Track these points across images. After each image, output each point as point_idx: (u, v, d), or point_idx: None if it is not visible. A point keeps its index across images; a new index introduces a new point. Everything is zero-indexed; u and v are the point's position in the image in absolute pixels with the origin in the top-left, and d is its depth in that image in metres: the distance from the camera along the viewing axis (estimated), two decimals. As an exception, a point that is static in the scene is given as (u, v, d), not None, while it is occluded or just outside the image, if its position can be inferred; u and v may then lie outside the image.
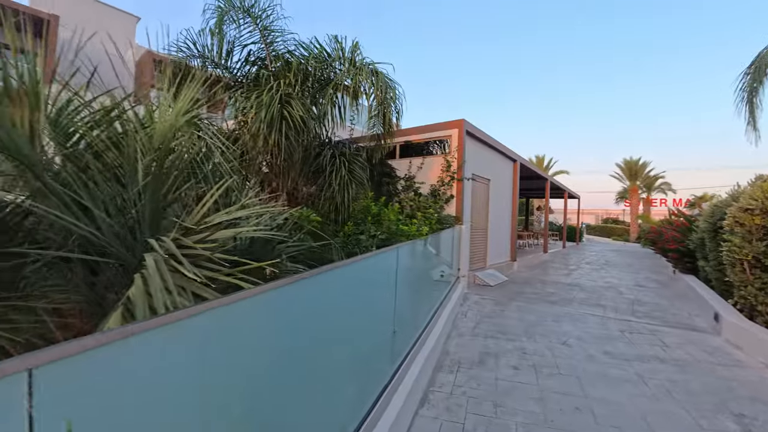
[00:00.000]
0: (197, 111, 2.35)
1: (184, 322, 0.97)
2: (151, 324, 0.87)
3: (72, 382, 0.74)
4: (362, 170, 6.23)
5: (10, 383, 0.66)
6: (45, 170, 1.77)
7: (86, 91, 2.33)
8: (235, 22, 7.46)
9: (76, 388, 0.75)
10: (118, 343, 0.80)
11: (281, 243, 2.23)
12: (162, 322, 0.91)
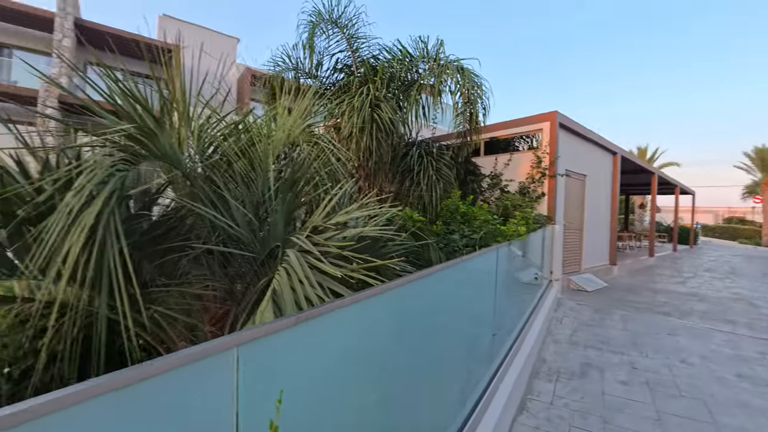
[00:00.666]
0: (311, 119, 2.56)
1: (335, 313, 1.07)
2: (314, 313, 0.98)
3: (264, 357, 0.87)
4: (449, 169, 6.17)
5: (224, 357, 0.79)
6: (194, 177, 2.09)
7: (209, 108, 2.69)
8: (324, 33, 7.96)
9: (267, 361, 0.89)
10: (293, 328, 0.92)
11: (389, 242, 2.33)
12: (317, 313, 1.01)
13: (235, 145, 2.38)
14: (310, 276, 1.43)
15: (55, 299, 2.57)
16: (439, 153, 6.61)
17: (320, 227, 1.78)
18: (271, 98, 7.57)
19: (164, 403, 0.72)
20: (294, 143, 2.39)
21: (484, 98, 6.72)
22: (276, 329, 0.86)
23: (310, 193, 2.32)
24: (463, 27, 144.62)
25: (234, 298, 2.48)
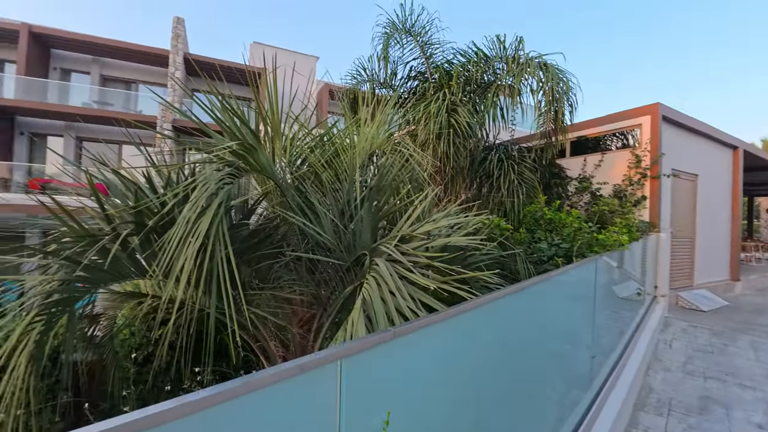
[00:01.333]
0: (392, 128, 2.57)
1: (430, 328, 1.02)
2: (410, 327, 0.94)
3: (363, 371, 0.86)
4: (531, 172, 5.77)
5: (328, 370, 0.78)
6: (286, 187, 2.21)
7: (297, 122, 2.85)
8: (398, 43, 8.09)
9: (366, 375, 0.87)
10: (390, 342, 0.88)
11: (474, 251, 2.23)
12: (414, 327, 0.97)
13: (321, 156, 2.48)
14: (401, 287, 1.40)
15: (174, 298, 2.93)
16: (521, 156, 6.22)
17: (407, 236, 1.75)
18: (349, 110, 7.89)
19: (272, 414, 0.74)
20: (375, 153, 2.42)
21: (571, 95, 6.19)
22: (375, 343, 0.84)
23: (394, 202, 2.32)
24: (545, 18, 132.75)
25: (320, 302, 2.57)
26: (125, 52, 13.94)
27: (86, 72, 14.31)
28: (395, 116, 7.19)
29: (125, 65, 14.71)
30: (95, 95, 13.84)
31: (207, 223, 1.36)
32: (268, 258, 2.08)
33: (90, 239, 1.51)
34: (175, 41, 13.61)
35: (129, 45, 13.72)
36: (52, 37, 13.06)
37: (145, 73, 14.99)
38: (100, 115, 12.47)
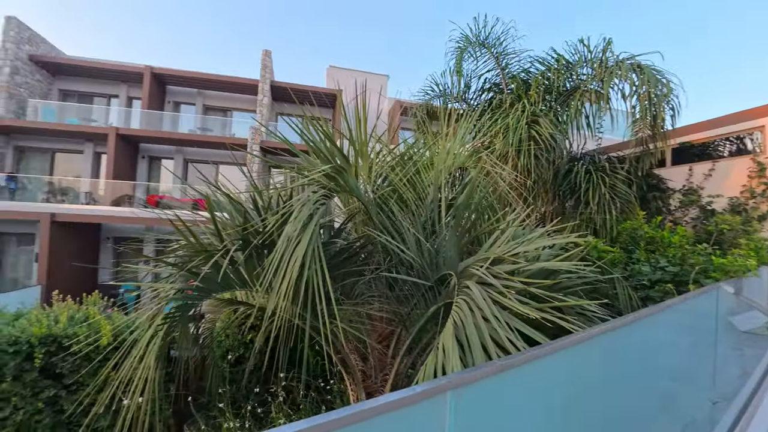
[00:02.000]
0: (471, 145, 2.53)
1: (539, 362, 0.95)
2: (518, 360, 0.89)
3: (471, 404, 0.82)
4: (627, 185, 5.21)
5: (437, 402, 0.76)
6: (371, 207, 2.28)
7: (380, 142, 2.93)
8: (472, 56, 8.01)
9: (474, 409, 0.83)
10: (498, 375, 0.84)
11: (570, 273, 2.05)
12: (522, 360, 0.91)
13: (402, 174, 2.52)
14: (497, 314, 1.34)
15: (264, 306, 3.17)
16: (612, 167, 5.66)
17: (498, 258, 1.67)
18: (421, 125, 7.98)
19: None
20: (456, 170, 2.40)
21: (672, 97, 5.51)
22: (486, 375, 0.81)
23: (479, 220, 2.26)
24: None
25: (399, 319, 2.58)
26: (223, 84, 15.84)
27: (192, 103, 16.54)
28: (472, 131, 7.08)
29: (223, 95, 16.70)
30: (199, 123, 15.90)
31: (306, 242, 1.46)
32: (353, 275, 2.16)
33: (205, 254, 1.73)
34: (263, 71, 15.12)
35: (226, 78, 15.57)
36: (167, 76, 15.36)
37: (237, 101, 16.85)
38: (202, 140, 14.28)
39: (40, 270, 10.86)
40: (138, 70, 15.03)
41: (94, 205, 13.45)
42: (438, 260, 2.02)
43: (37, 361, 3.61)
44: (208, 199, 1.75)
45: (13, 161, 14.48)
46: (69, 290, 11.56)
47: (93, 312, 3.96)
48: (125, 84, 16.08)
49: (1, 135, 14.07)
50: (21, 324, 3.72)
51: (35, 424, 3.70)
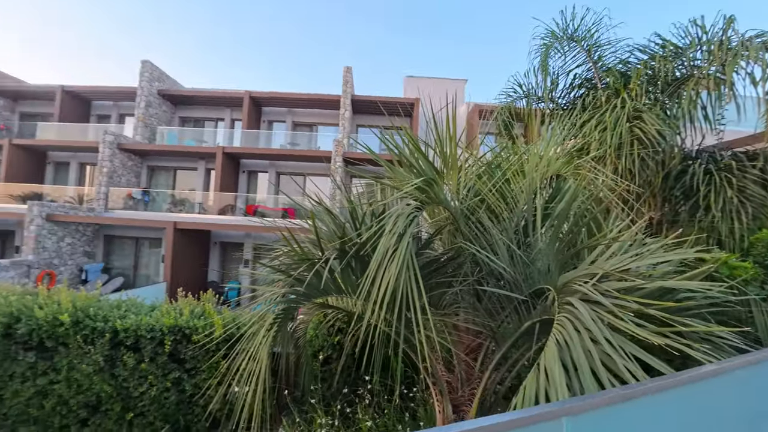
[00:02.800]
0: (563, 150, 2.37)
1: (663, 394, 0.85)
2: (641, 390, 0.81)
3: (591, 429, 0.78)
4: (759, 186, 4.37)
5: (551, 426, 0.73)
6: (459, 217, 2.27)
7: (466, 151, 2.90)
8: (559, 51, 7.49)
9: None
10: (617, 405, 0.78)
11: (692, 293, 1.78)
12: (644, 390, 0.83)
13: (489, 182, 2.46)
14: (609, 337, 1.22)
15: (353, 311, 3.33)
16: (740, 165, 4.79)
17: (606, 273, 1.53)
18: (505, 129, 7.67)
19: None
20: (549, 177, 2.26)
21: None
22: (604, 403, 0.75)
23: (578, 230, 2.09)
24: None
25: (489, 333, 2.51)
26: (309, 101, 17.16)
27: (283, 121, 18.21)
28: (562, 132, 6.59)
29: (309, 112, 18.09)
30: (288, 138, 17.42)
31: (401, 254, 1.52)
32: (441, 286, 2.17)
33: (308, 262, 1.90)
34: (344, 87, 16.03)
35: (311, 96, 16.84)
36: (262, 98, 17.16)
37: (321, 116, 18.10)
38: (291, 154, 15.63)
39: (165, 269, 12.85)
40: (239, 95, 17.06)
41: (205, 214, 15.52)
42: (532, 272, 1.92)
43: (166, 346, 4.27)
44: (312, 214, 1.94)
45: (147, 178, 17.45)
46: (186, 287, 13.48)
47: (208, 308, 4.56)
48: (229, 108, 18.36)
49: (138, 157, 17.05)
50: (155, 315, 4.44)
51: (164, 399, 4.36)
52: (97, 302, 4.59)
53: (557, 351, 1.28)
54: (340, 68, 16.41)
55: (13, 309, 4.40)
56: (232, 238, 15.47)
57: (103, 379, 4.33)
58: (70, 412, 4.42)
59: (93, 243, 15.41)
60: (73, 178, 18.17)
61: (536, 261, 1.91)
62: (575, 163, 2.17)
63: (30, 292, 4.92)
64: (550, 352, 1.30)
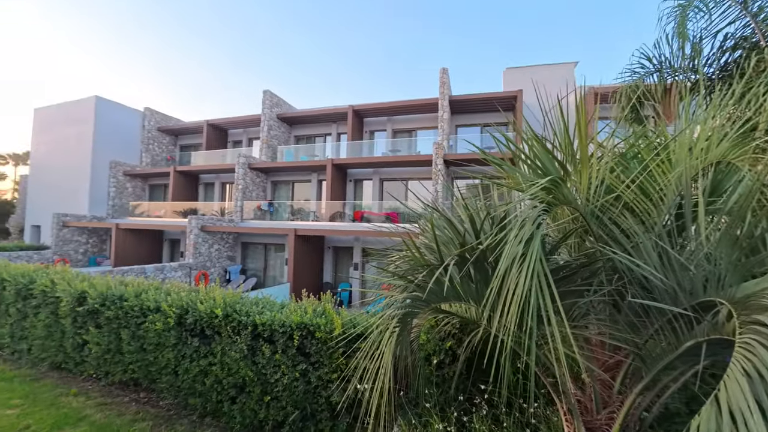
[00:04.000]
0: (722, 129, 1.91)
1: None
2: None
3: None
4: None
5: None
6: (590, 217, 2.03)
7: (594, 143, 2.56)
8: (701, 10, 6.21)
9: None
10: None
11: None
12: None
13: (624, 176, 2.14)
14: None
15: (467, 317, 3.25)
16: None
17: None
18: (631, 112, 6.67)
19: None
20: (709, 165, 1.84)
21: None
22: None
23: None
24: None
25: (633, 350, 2.17)
26: (407, 108, 17.54)
27: (383, 130, 18.98)
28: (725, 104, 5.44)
29: (407, 118, 18.50)
30: (389, 146, 18.08)
31: (530, 261, 1.41)
32: (572, 295, 1.96)
33: (428, 268, 1.92)
34: (441, 88, 15.94)
35: (409, 102, 17.18)
36: (364, 110, 18.18)
37: (420, 120, 18.32)
38: (392, 161, 16.16)
39: (289, 271, 14.51)
40: (343, 110, 18.38)
41: (318, 222, 17.07)
42: (692, 280, 1.57)
43: (295, 341, 4.78)
44: (431, 221, 1.95)
45: (271, 192, 20.00)
46: (305, 286, 14.93)
47: (328, 308, 4.97)
48: (335, 123, 19.92)
49: (264, 173, 19.66)
50: (285, 312, 5.02)
51: (294, 387, 4.89)
52: (240, 299, 5.40)
53: (748, 385, 0.99)
54: (431, 72, 16.40)
55: (184, 303, 5.46)
56: (343, 242, 16.69)
57: (246, 365, 5.06)
58: (223, 390, 5.28)
59: (233, 248, 18.29)
60: (217, 195, 21.89)
61: (698, 266, 1.57)
62: (750, 146, 1.70)
63: (193, 289, 6.05)
64: (735, 386, 1.01)
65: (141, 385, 6.20)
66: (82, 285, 6.47)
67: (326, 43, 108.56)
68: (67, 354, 6.78)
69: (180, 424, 5.29)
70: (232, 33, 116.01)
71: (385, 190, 17.78)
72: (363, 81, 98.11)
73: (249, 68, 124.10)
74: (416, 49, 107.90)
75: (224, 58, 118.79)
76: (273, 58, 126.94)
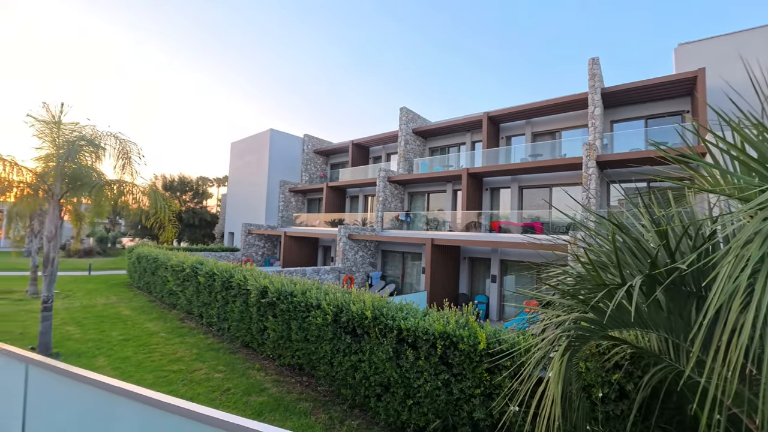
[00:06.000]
0: None
1: None
2: None
3: None
4: None
5: None
6: None
7: None
8: None
9: None
10: None
11: None
12: None
13: None
14: None
15: (643, 347, 2.75)
16: None
17: None
18: None
19: None
20: None
21: None
22: None
23: None
24: None
25: None
26: (548, 107, 16.08)
27: (521, 134, 17.83)
28: None
29: (549, 119, 16.94)
30: (529, 151, 16.86)
31: (761, 291, 1.09)
32: None
33: (605, 288, 1.69)
34: (591, 81, 14.07)
35: (551, 101, 15.71)
36: (499, 116, 17.46)
37: (564, 120, 16.52)
38: (533, 166, 14.99)
39: (426, 280, 14.88)
40: (477, 118, 18.04)
41: (452, 231, 17.04)
42: None
43: (438, 349, 4.85)
44: (612, 234, 1.70)
45: (407, 202, 20.99)
46: (441, 296, 15.03)
47: (471, 320, 4.89)
48: (469, 132, 19.71)
49: (401, 186, 20.79)
50: (428, 320, 5.15)
51: (435, 396, 4.94)
52: (387, 303, 5.79)
53: None
54: (569, 69, 14.56)
55: (339, 302, 6.17)
56: (478, 253, 16.22)
57: (391, 366, 5.37)
58: (370, 387, 5.71)
59: (375, 255, 19.82)
60: (360, 207, 24.18)
61: None
62: None
63: (346, 291, 6.78)
64: None
65: (304, 370, 7.24)
66: (264, 281, 7.97)
67: (456, 52, 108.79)
68: (252, 336, 8.42)
69: (334, 410, 5.95)
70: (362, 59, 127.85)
71: (526, 199, 16.57)
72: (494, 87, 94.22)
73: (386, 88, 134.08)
74: (548, 48, 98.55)
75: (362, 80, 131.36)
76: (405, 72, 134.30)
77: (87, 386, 1.06)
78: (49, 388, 1.16)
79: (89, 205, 10.03)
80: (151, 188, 9.31)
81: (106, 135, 8.63)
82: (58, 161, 8.06)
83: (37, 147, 8.34)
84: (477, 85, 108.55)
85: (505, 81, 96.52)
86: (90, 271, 21.30)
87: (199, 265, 10.74)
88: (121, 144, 8.75)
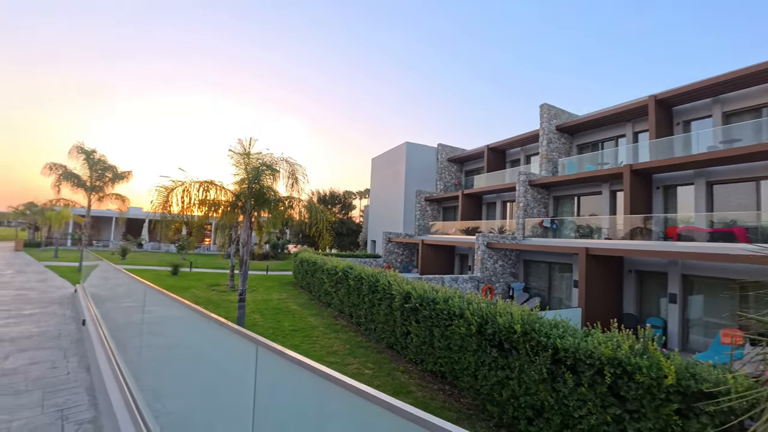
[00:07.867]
0: None
1: None
2: None
3: None
4: None
5: None
6: None
7: None
8: None
9: None
10: None
11: None
12: None
13: None
14: None
15: None
16: None
17: None
18: None
19: None
20: None
21: None
22: None
23: None
24: None
25: None
26: (748, 78, 12.32)
27: (707, 116, 14.13)
28: None
29: (750, 92, 12.96)
30: (719, 136, 13.22)
31: None
32: None
33: None
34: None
35: (752, 68, 12.01)
36: (671, 97, 14.25)
37: (779, 90, 12.40)
38: (729, 155, 11.65)
39: (579, 295, 13.10)
40: (641, 103, 15.15)
41: (611, 240, 14.58)
42: None
43: (606, 377, 4.16)
44: None
45: (552, 208, 19.02)
46: (599, 314, 12.96)
47: (652, 347, 4.05)
48: (629, 122, 16.71)
49: (545, 189, 18.99)
50: (591, 341, 4.48)
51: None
52: (538, 319, 5.30)
53: None
54: None
55: (484, 313, 5.95)
56: (649, 266, 13.39)
57: (545, 388, 4.85)
58: (520, 407, 5.27)
59: (516, 265, 18.54)
60: (498, 214, 23.05)
61: None
62: None
63: (491, 302, 6.49)
64: None
65: (446, 378, 7.20)
66: (407, 287, 8.32)
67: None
68: (396, 338, 8.85)
69: (479, 425, 5.70)
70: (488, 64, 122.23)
71: (718, 197, 12.99)
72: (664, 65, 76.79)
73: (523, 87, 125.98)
74: None
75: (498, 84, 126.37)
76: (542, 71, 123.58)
77: (303, 370, 1.27)
78: (274, 368, 1.45)
79: (267, 217, 12.33)
80: (309, 202, 10.93)
81: (280, 160, 10.53)
82: (249, 184, 10.19)
83: (234, 174, 10.79)
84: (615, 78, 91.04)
85: (676, 56, 76.48)
86: (267, 271, 26.13)
87: (349, 270, 11.95)
88: (291, 167, 10.54)
